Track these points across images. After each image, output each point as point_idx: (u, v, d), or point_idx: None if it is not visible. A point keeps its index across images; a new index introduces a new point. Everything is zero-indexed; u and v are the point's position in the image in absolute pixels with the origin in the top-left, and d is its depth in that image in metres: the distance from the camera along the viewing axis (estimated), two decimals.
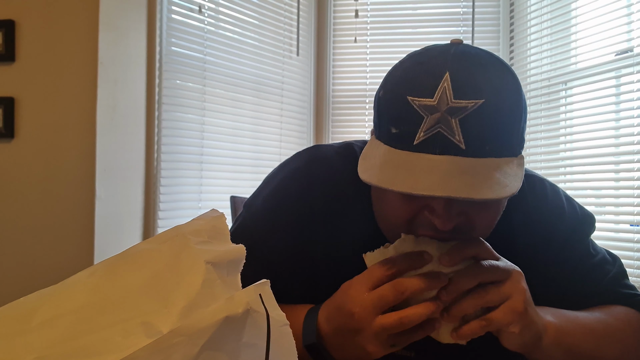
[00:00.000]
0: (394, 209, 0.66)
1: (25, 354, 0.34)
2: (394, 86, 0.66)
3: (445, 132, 0.59)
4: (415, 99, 0.61)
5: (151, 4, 2.08)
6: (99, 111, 1.87)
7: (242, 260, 0.44)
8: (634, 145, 1.91)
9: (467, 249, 0.61)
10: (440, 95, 0.60)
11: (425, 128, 0.60)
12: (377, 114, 0.69)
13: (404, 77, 0.66)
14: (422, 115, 0.60)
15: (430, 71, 0.62)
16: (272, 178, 0.87)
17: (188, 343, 0.35)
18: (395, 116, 0.63)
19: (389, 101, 0.66)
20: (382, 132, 0.66)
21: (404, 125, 0.62)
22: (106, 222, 1.90)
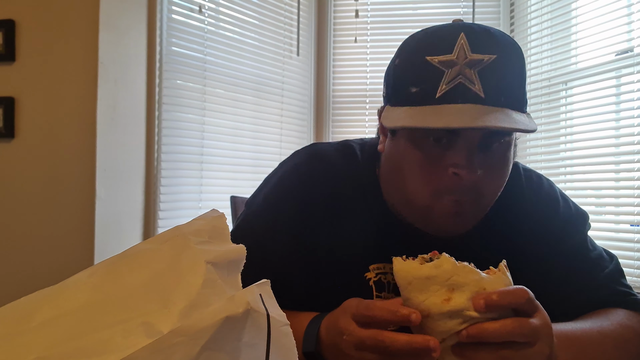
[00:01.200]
0: (418, 178, 0.70)
1: (25, 354, 0.34)
2: (410, 52, 0.71)
3: (465, 83, 0.64)
4: (434, 57, 0.66)
5: (151, 4, 2.08)
6: (99, 111, 1.87)
7: (243, 260, 0.44)
8: (634, 145, 1.91)
9: (507, 298, 0.53)
10: (459, 51, 0.66)
11: (447, 80, 0.65)
12: (391, 82, 0.74)
13: (419, 43, 0.70)
14: (442, 70, 0.65)
15: (445, 35, 0.68)
16: (272, 176, 0.89)
17: (188, 343, 0.35)
18: (414, 77, 0.68)
19: (406, 65, 0.71)
20: (399, 95, 0.70)
21: (424, 83, 0.66)
22: (106, 222, 1.90)
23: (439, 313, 0.55)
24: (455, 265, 0.55)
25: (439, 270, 0.55)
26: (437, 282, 0.55)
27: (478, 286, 0.55)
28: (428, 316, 0.55)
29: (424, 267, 0.56)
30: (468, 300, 0.54)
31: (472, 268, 0.56)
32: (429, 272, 0.55)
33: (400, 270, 0.58)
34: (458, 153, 0.67)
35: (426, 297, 0.55)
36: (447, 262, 0.56)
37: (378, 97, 2.62)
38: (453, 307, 0.54)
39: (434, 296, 0.55)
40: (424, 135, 0.68)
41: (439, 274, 0.55)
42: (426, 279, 0.55)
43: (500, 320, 0.54)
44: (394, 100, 0.72)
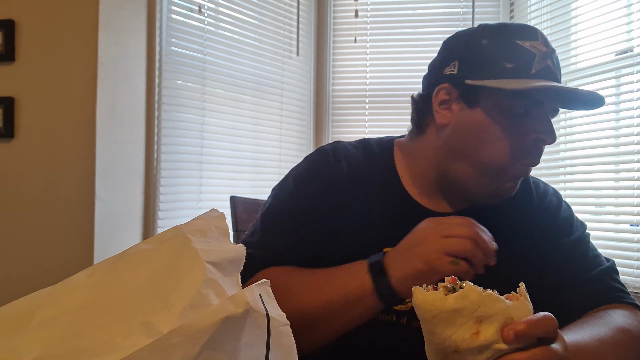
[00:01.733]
0: (503, 142, 0.80)
1: (25, 354, 0.34)
2: (497, 35, 0.82)
3: (550, 65, 0.80)
4: (524, 42, 0.80)
5: (151, 4, 2.08)
6: (99, 111, 1.87)
7: (242, 260, 0.44)
8: (634, 145, 1.91)
9: (537, 329, 0.53)
10: (542, 40, 0.81)
11: (538, 60, 0.79)
12: (478, 58, 0.82)
13: (504, 29, 0.83)
14: (534, 53, 0.79)
15: (525, 27, 0.83)
16: (298, 165, 0.96)
17: (188, 343, 0.35)
18: (507, 54, 0.79)
19: (496, 45, 0.81)
20: (491, 69, 0.80)
21: (519, 60, 0.79)
22: (106, 222, 1.90)
23: (467, 348, 0.53)
24: (481, 294, 0.53)
25: (466, 301, 0.53)
26: (465, 315, 0.53)
27: (505, 316, 0.53)
28: (456, 351, 0.53)
29: (450, 299, 0.53)
30: (497, 332, 0.53)
31: (498, 296, 0.54)
32: (456, 304, 0.53)
33: (423, 302, 0.55)
34: (542, 121, 0.80)
35: (454, 332, 0.53)
36: (473, 292, 0.53)
37: (378, 97, 2.62)
38: (483, 342, 0.52)
39: (461, 330, 0.53)
40: (513, 105, 0.80)
41: (466, 306, 0.53)
42: (453, 312, 0.53)
43: (529, 350, 0.53)
44: (480, 74, 0.81)
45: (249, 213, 1.43)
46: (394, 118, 2.61)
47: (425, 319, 0.55)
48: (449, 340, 0.53)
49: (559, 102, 0.82)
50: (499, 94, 0.80)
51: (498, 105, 0.81)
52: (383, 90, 2.62)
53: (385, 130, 2.53)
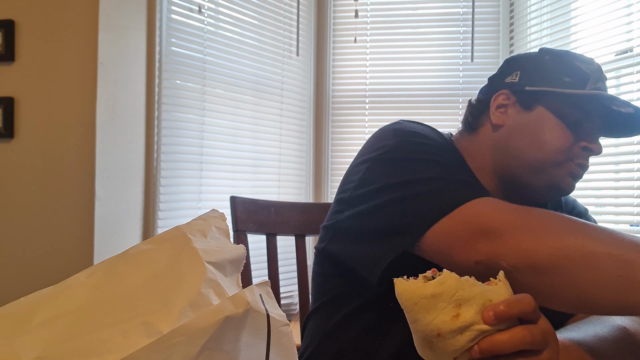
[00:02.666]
0: (559, 138, 0.89)
1: (25, 354, 0.34)
2: (559, 55, 0.93)
3: (602, 87, 0.89)
4: (582, 64, 0.90)
5: (151, 4, 2.08)
6: (99, 111, 1.87)
7: (243, 260, 0.44)
8: (634, 145, 1.91)
9: (515, 308, 0.54)
10: (597, 66, 0.91)
11: (593, 81, 0.88)
12: (538, 69, 0.93)
13: (565, 52, 0.93)
14: (589, 74, 0.89)
15: (582, 55, 0.93)
16: (392, 130, 0.95)
17: (188, 343, 0.35)
18: (566, 70, 0.90)
19: (557, 62, 0.92)
20: (552, 80, 0.90)
21: (576, 77, 0.89)
22: (106, 222, 1.90)
23: (449, 331, 0.54)
24: (459, 280, 0.55)
25: (444, 286, 0.55)
26: (444, 300, 0.54)
27: (484, 298, 0.55)
28: (439, 335, 0.54)
29: (428, 286, 0.55)
30: (477, 313, 0.54)
31: (475, 281, 0.56)
32: (434, 290, 0.55)
33: (404, 291, 0.56)
34: (590, 133, 0.90)
35: (435, 316, 0.55)
36: (450, 278, 0.55)
37: (378, 97, 2.62)
38: (463, 323, 0.54)
39: (442, 314, 0.54)
40: (569, 113, 0.89)
41: (445, 291, 0.55)
42: (432, 297, 0.55)
43: (511, 330, 0.54)
44: (539, 83, 0.91)
45: (249, 213, 1.43)
46: (394, 118, 2.59)
47: (407, 307, 0.57)
48: (431, 325, 0.55)
49: (608, 123, 0.91)
50: (555, 101, 0.90)
51: (554, 110, 0.90)
52: (383, 90, 2.62)
53: None
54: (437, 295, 0.55)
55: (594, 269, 0.63)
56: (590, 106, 0.88)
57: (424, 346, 0.57)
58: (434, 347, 0.56)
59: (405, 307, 0.57)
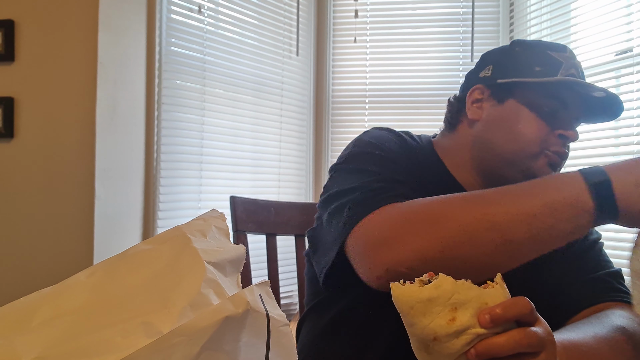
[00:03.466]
0: (532, 129, 0.88)
1: (25, 354, 0.34)
2: (530, 46, 0.93)
3: (576, 73, 0.88)
4: (553, 52, 0.89)
5: (151, 4, 2.08)
6: (99, 111, 1.87)
7: (242, 260, 0.44)
8: (634, 145, 1.91)
9: (512, 311, 0.54)
10: (570, 53, 0.90)
11: (565, 68, 0.87)
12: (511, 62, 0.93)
13: (536, 42, 0.93)
14: (561, 61, 0.88)
15: (554, 43, 0.93)
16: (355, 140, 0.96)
17: (188, 343, 0.35)
18: (538, 61, 0.89)
19: (528, 53, 0.92)
20: (522, 71, 0.89)
21: (547, 66, 0.88)
22: (106, 222, 1.90)
23: (445, 334, 0.54)
24: (455, 283, 0.55)
25: (440, 290, 0.55)
26: (440, 303, 0.54)
27: (480, 301, 0.54)
28: (435, 339, 0.54)
29: (424, 289, 0.55)
30: (473, 317, 0.54)
31: (471, 284, 0.56)
32: (430, 293, 0.55)
33: (400, 295, 0.56)
34: (566, 121, 0.89)
35: (431, 320, 0.54)
36: (446, 281, 0.55)
37: (377, 97, 2.62)
38: (459, 326, 0.53)
39: (438, 318, 0.54)
40: (543, 103, 0.88)
41: (440, 295, 0.54)
42: (428, 301, 0.55)
43: (507, 333, 0.54)
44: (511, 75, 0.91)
45: (248, 213, 1.43)
46: (394, 118, 2.61)
47: (404, 311, 0.56)
48: (427, 329, 0.55)
49: (583, 109, 0.91)
50: (528, 92, 0.89)
51: (527, 102, 0.89)
52: (383, 90, 2.62)
53: None
54: (433, 299, 0.54)
55: (479, 245, 0.68)
56: (563, 93, 0.88)
57: (421, 350, 0.57)
58: (431, 351, 0.55)
59: (401, 311, 0.57)
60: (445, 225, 0.70)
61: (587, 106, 0.91)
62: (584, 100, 0.89)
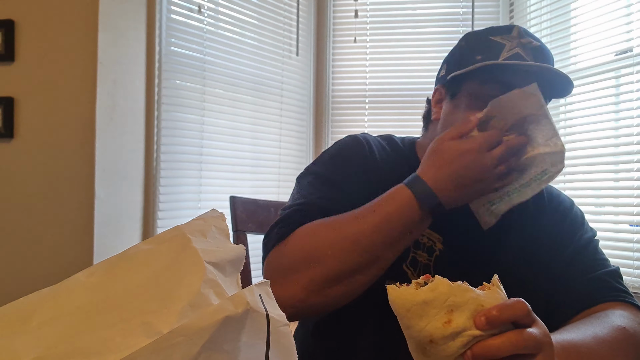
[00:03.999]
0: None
1: (25, 354, 0.34)
2: (475, 35, 0.91)
3: (521, 53, 0.84)
4: (496, 36, 0.87)
5: (151, 4, 2.08)
6: (99, 111, 1.87)
7: (242, 260, 0.44)
8: (634, 145, 1.91)
9: (508, 313, 0.54)
10: (515, 32, 0.86)
11: (508, 49, 0.84)
12: (456, 57, 0.92)
13: (482, 30, 0.90)
14: (503, 44, 0.85)
15: (502, 26, 0.89)
16: (332, 147, 0.99)
17: (188, 343, 0.35)
18: (480, 49, 0.87)
19: (471, 43, 0.90)
20: (465, 63, 0.87)
21: (489, 52, 0.85)
22: (106, 222, 1.90)
23: (441, 337, 0.54)
24: (450, 285, 0.55)
25: (435, 293, 0.55)
26: (436, 306, 0.54)
27: (476, 304, 0.54)
28: (431, 342, 0.54)
29: (420, 292, 0.55)
30: (469, 319, 0.54)
31: (468, 286, 0.55)
32: (426, 296, 0.55)
33: (396, 298, 0.57)
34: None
35: (427, 323, 0.54)
36: (441, 284, 0.55)
37: (377, 97, 2.63)
38: (455, 329, 0.53)
39: (434, 320, 0.54)
40: (485, 91, 0.85)
41: (436, 297, 0.54)
42: (424, 304, 0.55)
43: (503, 335, 0.54)
44: (456, 69, 0.88)
45: (248, 213, 1.43)
46: (393, 118, 2.61)
47: (401, 314, 0.57)
48: (423, 331, 0.55)
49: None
50: (470, 82, 0.88)
51: (471, 93, 0.88)
52: (383, 90, 2.62)
53: (385, 130, 2.52)
54: (429, 301, 0.54)
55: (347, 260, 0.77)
56: (503, 76, 0.84)
57: (418, 352, 0.57)
58: (428, 353, 0.55)
59: (398, 314, 0.57)
60: (319, 258, 0.78)
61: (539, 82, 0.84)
62: (524, 78, 0.83)
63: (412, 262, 0.88)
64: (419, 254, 0.88)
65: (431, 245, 0.89)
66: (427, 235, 0.89)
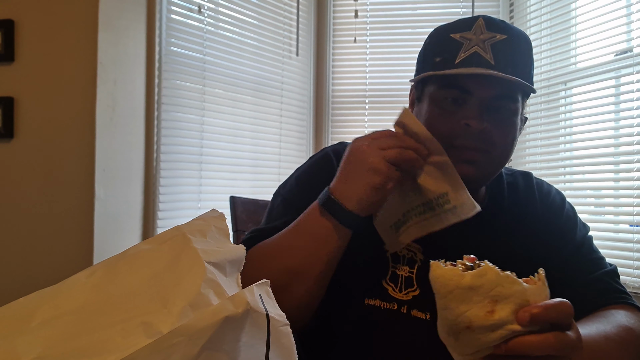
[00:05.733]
0: (438, 128, 0.80)
1: (25, 354, 0.34)
2: (438, 33, 0.86)
3: (479, 52, 0.79)
4: (456, 34, 0.82)
5: (150, 4, 2.08)
6: (99, 111, 1.87)
7: (242, 261, 0.44)
8: (634, 145, 1.91)
9: (553, 314, 0.53)
10: (476, 28, 0.81)
11: (465, 49, 0.80)
12: (421, 58, 0.89)
13: (445, 26, 0.85)
14: (461, 43, 0.80)
15: (467, 19, 0.83)
16: (303, 164, 0.99)
17: (188, 343, 0.35)
18: (438, 49, 0.83)
19: (433, 43, 0.86)
20: (426, 66, 0.85)
21: (446, 53, 0.81)
22: (106, 222, 1.90)
23: (481, 326, 0.53)
24: (499, 275, 0.53)
25: (483, 279, 0.53)
26: (480, 293, 0.53)
27: (521, 298, 0.53)
28: (468, 328, 0.53)
29: (467, 276, 0.54)
30: (512, 313, 0.53)
31: (515, 278, 0.54)
32: (473, 281, 0.53)
33: (440, 276, 0.55)
34: (470, 108, 0.80)
35: (468, 308, 0.53)
36: (490, 271, 0.54)
37: (377, 97, 2.63)
38: (497, 321, 0.52)
39: (476, 308, 0.53)
40: (443, 95, 0.82)
41: (483, 284, 0.53)
42: (469, 289, 0.53)
43: (542, 334, 0.53)
44: (420, 71, 0.87)
45: (248, 213, 1.43)
46: (393, 118, 2.60)
47: (441, 293, 0.55)
48: (462, 316, 0.54)
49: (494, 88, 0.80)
50: (431, 86, 0.85)
51: (431, 97, 0.85)
52: (383, 90, 2.62)
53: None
54: (475, 287, 0.53)
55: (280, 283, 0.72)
56: (461, 79, 0.80)
57: (449, 334, 0.56)
58: (460, 338, 0.54)
59: (438, 292, 0.56)
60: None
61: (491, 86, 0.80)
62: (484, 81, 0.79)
63: (392, 277, 0.86)
64: (399, 267, 0.87)
65: (412, 257, 0.87)
66: (407, 247, 0.87)
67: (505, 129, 0.82)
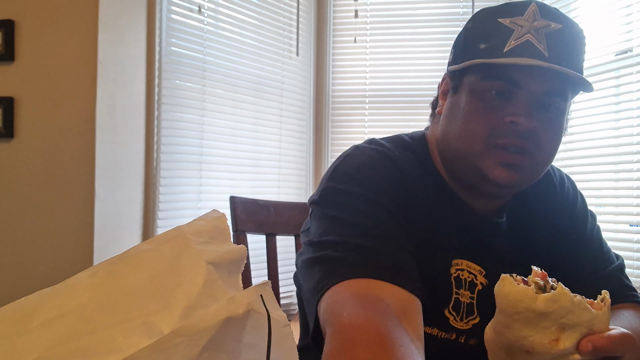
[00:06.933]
0: (477, 124, 0.73)
1: (25, 355, 0.34)
2: (484, 16, 0.77)
3: (533, 40, 0.70)
4: (506, 19, 0.72)
5: (151, 4, 2.08)
6: (99, 111, 1.87)
7: (243, 261, 0.44)
8: (634, 145, 1.91)
9: (617, 348, 0.51)
10: (529, 14, 0.72)
11: (516, 37, 0.71)
12: (461, 43, 0.78)
13: (493, 9, 0.76)
14: (512, 29, 0.71)
15: (518, 3, 0.74)
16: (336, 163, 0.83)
17: (189, 343, 0.35)
18: (484, 35, 0.74)
19: (477, 27, 0.77)
20: (468, 52, 0.75)
21: (494, 39, 0.72)
22: (106, 222, 1.90)
23: (543, 352, 0.51)
24: (573, 301, 0.51)
25: (556, 305, 0.51)
26: (550, 319, 0.51)
27: (587, 327, 0.52)
28: (528, 352, 0.52)
29: (540, 300, 0.51)
30: (575, 341, 0.51)
31: (587, 305, 0.52)
32: (545, 307, 0.51)
33: (509, 294, 0.52)
34: (518, 104, 0.71)
35: (533, 333, 0.51)
36: (565, 297, 0.51)
37: (377, 97, 2.63)
38: (561, 351, 0.51)
39: (541, 334, 0.51)
40: (487, 87, 0.73)
41: (555, 311, 0.51)
42: (540, 314, 0.51)
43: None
44: (460, 59, 0.77)
45: (248, 213, 1.43)
46: (393, 118, 2.61)
47: (506, 312, 0.53)
48: (525, 339, 0.52)
49: (546, 83, 0.71)
50: (472, 76, 0.75)
51: (471, 88, 0.75)
52: (383, 90, 2.62)
53: (385, 130, 2.53)
54: (546, 314, 0.51)
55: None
56: (509, 70, 0.71)
57: (501, 350, 0.54)
58: (514, 357, 0.53)
59: (503, 310, 0.53)
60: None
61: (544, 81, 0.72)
62: (536, 74, 0.71)
63: (455, 305, 0.77)
64: (461, 293, 0.78)
65: (472, 280, 0.79)
66: (467, 269, 0.78)
67: (553, 130, 0.74)
